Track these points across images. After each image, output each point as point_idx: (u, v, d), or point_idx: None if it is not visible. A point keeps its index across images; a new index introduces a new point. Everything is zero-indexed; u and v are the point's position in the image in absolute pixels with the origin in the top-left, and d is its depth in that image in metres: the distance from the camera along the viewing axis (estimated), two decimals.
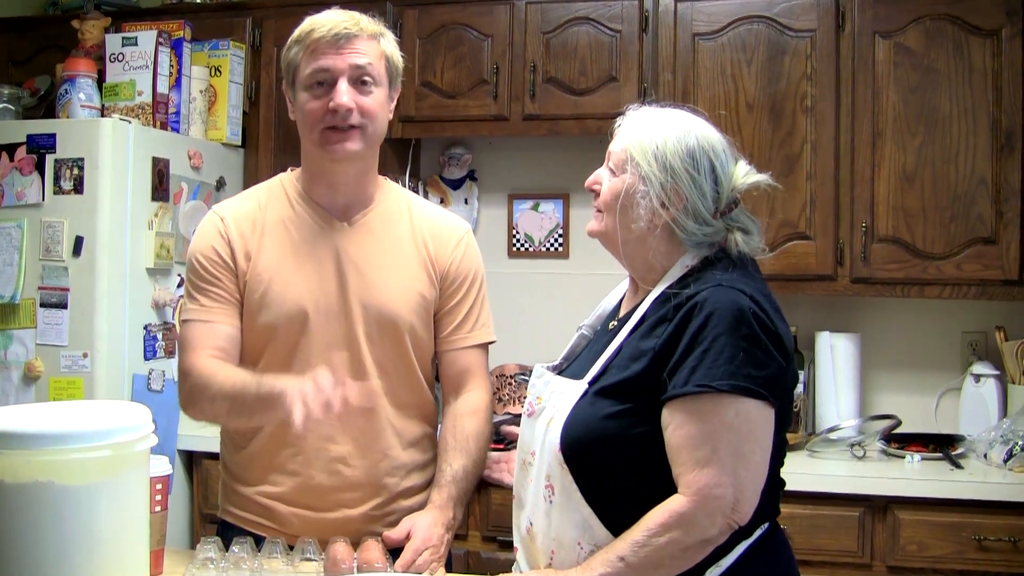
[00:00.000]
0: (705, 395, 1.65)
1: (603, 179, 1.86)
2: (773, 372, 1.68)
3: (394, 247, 2.14)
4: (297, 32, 2.07)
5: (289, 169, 2.22)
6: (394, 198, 2.20)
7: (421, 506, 2.12)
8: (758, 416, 1.67)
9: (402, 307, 2.11)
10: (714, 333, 1.66)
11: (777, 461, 1.78)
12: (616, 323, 1.89)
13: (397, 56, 2.12)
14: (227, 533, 2.09)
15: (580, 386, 1.79)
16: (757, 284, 1.77)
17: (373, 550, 1.92)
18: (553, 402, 1.83)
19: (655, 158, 1.78)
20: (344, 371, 2.06)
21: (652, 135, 1.81)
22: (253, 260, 2.09)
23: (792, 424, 3.49)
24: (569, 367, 1.95)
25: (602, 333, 1.94)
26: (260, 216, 2.13)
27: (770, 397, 1.67)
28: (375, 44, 2.06)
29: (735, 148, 1.86)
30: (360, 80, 2.04)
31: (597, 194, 1.87)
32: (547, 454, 1.79)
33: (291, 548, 1.95)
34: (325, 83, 2.02)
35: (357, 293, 2.09)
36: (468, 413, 2.16)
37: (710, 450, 1.64)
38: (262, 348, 2.09)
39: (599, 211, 1.87)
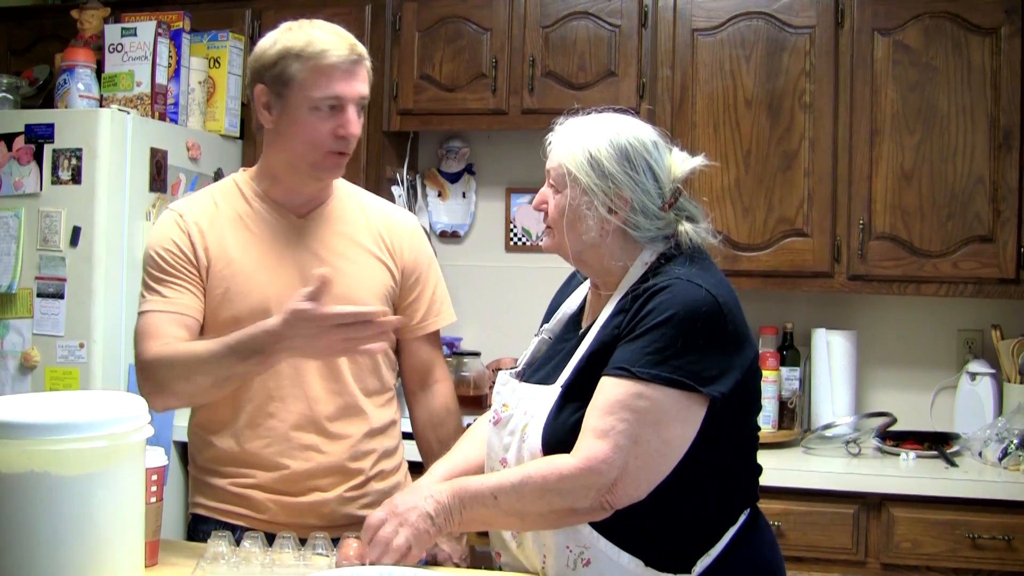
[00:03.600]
0: (624, 377, 1.68)
1: (548, 197, 1.87)
2: (715, 364, 1.69)
3: (352, 239, 2.17)
4: (296, 46, 2.04)
5: (241, 170, 2.25)
6: (345, 193, 2.24)
7: (393, 488, 2.17)
8: (673, 407, 1.68)
9: (368, 294, 2.13)
10: (654, 322, 1.69)
11: (751, 447, 1.83)
12: (583, 331, 1.89)
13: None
14: (201, 527, 2.12)
15: (553, 390, 1.80)
16: (715, 278, 1.78)
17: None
18: (522, 408, 1.84)
19: (591, 167, 1.79)
20: (313, 364, 2.09)
21: (583, 145, 1.81)
22: (213, 256, 2.09)
23: (787, 421, 3.49)
24: (533, 373, 1.95)
25: (565, 337, 1.95)
26: (216, 212, 2.14)
27: (700, 389, 1.67)
28: (367, 69, 2.10)
29: (667, 138, 1.87)
30: (359, 107, 2.08)
31: (547, 212, 1.88)
32: (525, 460, 1.79)
33: (269, 537, 1.92)
34: (335, 108, 2.04)
35: None
36: (445, 414, 2.26)
37: (609, 426, 1.67)
38: None
39: (549, 227, 1.88)
